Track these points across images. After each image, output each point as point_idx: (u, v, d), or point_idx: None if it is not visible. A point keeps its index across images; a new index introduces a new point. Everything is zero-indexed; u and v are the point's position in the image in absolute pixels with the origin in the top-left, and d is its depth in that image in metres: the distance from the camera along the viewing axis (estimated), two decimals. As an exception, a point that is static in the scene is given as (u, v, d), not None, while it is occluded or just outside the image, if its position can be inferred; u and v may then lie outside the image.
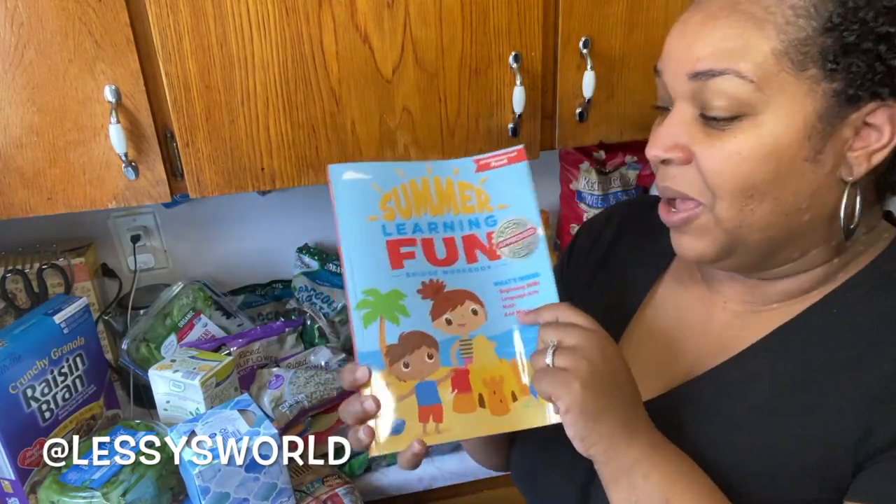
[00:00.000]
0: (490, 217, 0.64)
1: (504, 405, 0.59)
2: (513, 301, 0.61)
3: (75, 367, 1.02)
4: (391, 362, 0.59)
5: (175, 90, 0.89)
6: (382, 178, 0.63)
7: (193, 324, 1.21)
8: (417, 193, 0.63)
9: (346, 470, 1.06)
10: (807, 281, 0.61)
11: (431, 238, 0.63)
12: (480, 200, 0.64)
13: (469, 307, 0.61)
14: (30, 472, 0.95)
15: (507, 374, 0.60)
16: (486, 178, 0.65)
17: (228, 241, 1.38)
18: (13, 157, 0.89)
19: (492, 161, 0.65)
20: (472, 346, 0.60)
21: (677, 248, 0.63)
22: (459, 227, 0.64)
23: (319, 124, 0.94)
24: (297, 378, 1.12)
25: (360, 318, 0.59)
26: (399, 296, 0.60)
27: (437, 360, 0.60)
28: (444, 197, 0.64)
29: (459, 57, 0.94)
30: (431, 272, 0.61)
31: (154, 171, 0.93)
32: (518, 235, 0.63)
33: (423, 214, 0.63)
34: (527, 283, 0.62)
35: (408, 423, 0.57)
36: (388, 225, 0.62)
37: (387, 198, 0.63)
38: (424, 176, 0.64)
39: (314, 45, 0.90)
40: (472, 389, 0.59)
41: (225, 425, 0.90)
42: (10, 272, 1.17)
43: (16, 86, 0.86)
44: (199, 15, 0.86)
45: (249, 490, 0.89)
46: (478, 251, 0.63)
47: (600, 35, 0.98)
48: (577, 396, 0.53)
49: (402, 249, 0.61)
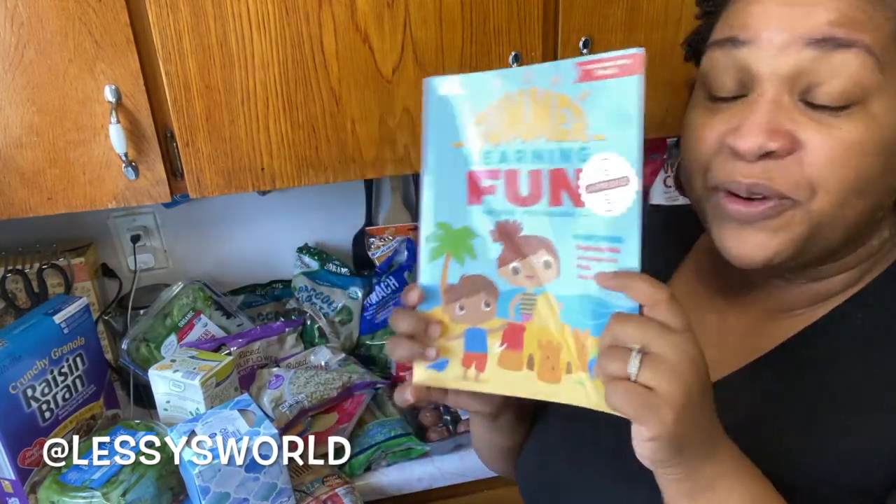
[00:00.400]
0: (584, 149, 0.50)
1: (555, 373, 0.52)
2: (589, 263, 0.51)
3: (75, 367, 1.02)
4: (447, 301, 0.56)
5: (175, 90, 0.89)
6: (479, 93, 0.55)
7: (193, 324, 1.21)
8: (511, 112, 0.53)
9: (346, 470, 1.06)
10: (837, 283, 0.58)
11: (517, 170, 0.53)
12: (576, 124, 0.51)
13: (542, 258, 0.53)
14: (30, 472, 0.95)
15: (568, 342, 0.52)
16: (587, 92, 0.50)
17: (228, 241, 1.38)
18: (13, 157, 0.89)
19: (597, 68, 0.49)
20: (536, 302, 0.53)
21: (738, 248, 0.54)
22: (549, 158, 0.52)
23: (319, 124, 0.94)
24: (297, 378, 1.12)
25: (428, 251, 0.57)
26: (469, 234, 0.55)
27: (494, 309, 0.55)
28: (539, 116, 0.52)
29: (459, 57, 0.94)
30: (509, 211, 0.54)
31: (154, 171, 0.93)
32: (607, 183, 0.50)
33: (514, 139, 0.53)
34: (608, 247, 0.50)
35: (451, 362, 0.56)
36: (474, 152, 0.55)
37: (479, 119, 0.55)
38: (521, 87, 0.53)
39: (314, 45, 0.90)
40: (523, 348, 0.54)
41: (225, 425, 0.90)
42: (10, 272, 1.17)
43: (16, 86, 0.86)
44: (199, 14, 0.86)
45: (249, 490, 0.89)
46: (563, 192, 0.52)
47: (600, 35, 0.98)
48: (669, 428, 0.45)
49: (482, 182, 0.55)
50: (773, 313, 0.61)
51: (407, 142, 0.97)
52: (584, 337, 0.51)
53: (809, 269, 0.58)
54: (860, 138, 0.49)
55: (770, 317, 0.61)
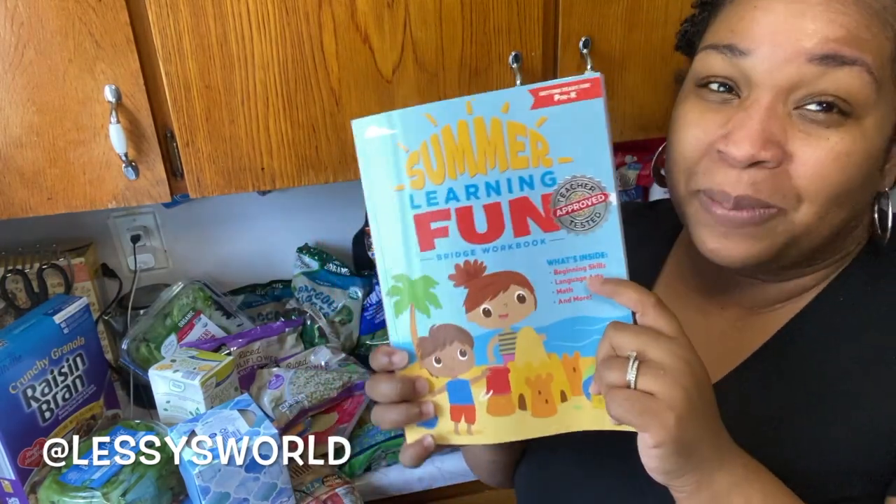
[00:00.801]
0: (548, 174, 0.49)
1: (550, 406, 0.52)
2: (570, 286, 0.50)
3: (75, 367, 1.02)
4: (422, 356, 0.54)
5: (175, 90, 0.89)
6: (410, 130, 0.51)
7: (193, 324, 1.21)
8: (452, 147, 0.50)
9: (346, 470, 1.06)
10: (814, 279, 0.59)
11: (469, 206, 0.51)
12: (536, 150, 0.49)
13: (514, 293, 0.51)
14: (30, 472, 0.95)
15: (557, 371, 0.51)
16: (545, 118, 0.49)
17: (228, 241, 1.38)
18: (13, 157, 0.89)
19: (555, 93, 0.48)
20: (516, 340, 0.52)
21: (717, 249, 0.55)
22: (507, 189, 0.50)
23: (319, 124, 0.94)
24: (297, 378, 1.12)
25: (391, 305, 0.54)
26: (430, 283, 0.52)
27: (471, 357, 0.53)
28: (488, 147, 0.50)
29: (459, 57, 0.94)
30: (467, 252, 0.51)
31: (154, 171, 0.93)
32: (583, 201, 0.49)
33: (460, 175, 0.50)
34: (589, 265, 0.50)
35: (440, 419, 0.54)
36: (417, 195, 0.52)
37: (414, 158, 0.51)
38: (462, 118, 0.50)
39: (314, 45, 0.90)
40: (510, 390, 0.52)
41: (225, 425, 0.90)
42: (10, 272, 1.17)
43: (16, 86, 0.86)
44: (199, 15, 0.86)
45: (249, 490, 0.89)
46: (529, 220, 0.50)
47: (600, 35, 0.98)
48: (672, 433, 0.45)
49: (432, 225, 0.52)
50: (753, 310, 0.62)
51: (407, 142, 0.97)
52: (573, 361, 0.51)
53: (785, 271, 0.59)
54: (848, 151, 0.50)
55: (750, 313, 0.62)
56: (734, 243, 0.54)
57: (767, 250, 0.54)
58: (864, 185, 0.53)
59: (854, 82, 0.49)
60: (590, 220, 0.50)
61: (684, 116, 0.56)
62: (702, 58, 0.55)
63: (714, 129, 0.53)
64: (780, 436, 0.56)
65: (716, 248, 0.55)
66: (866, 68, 0.48)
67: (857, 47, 0.48)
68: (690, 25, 0.61)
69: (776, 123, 0.50)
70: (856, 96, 0.49)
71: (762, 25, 0.51)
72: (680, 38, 0.63)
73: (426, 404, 0.54)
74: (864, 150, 0.50)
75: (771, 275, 0.60)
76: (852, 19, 0.48)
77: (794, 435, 0.55)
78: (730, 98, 0.54)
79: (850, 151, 0.50)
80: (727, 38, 0.53)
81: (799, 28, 0.49)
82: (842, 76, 0.49)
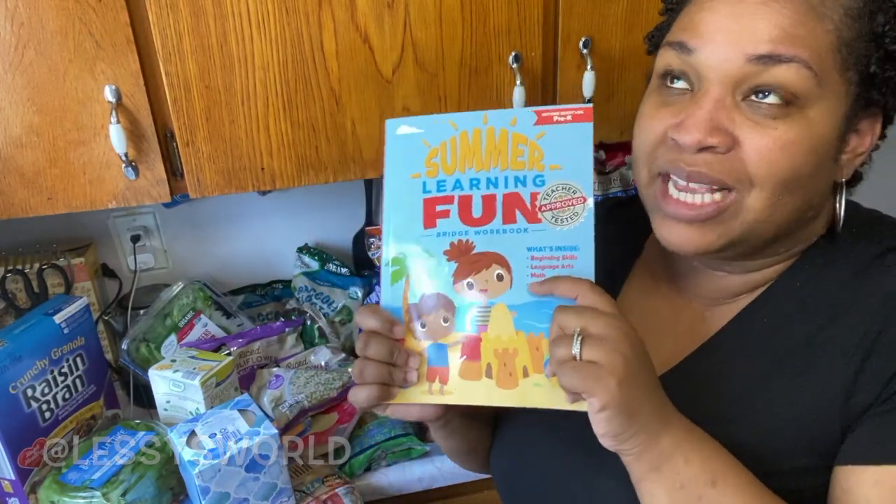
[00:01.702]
0: (539, 177, 0.59)
1: (513, 379, 0.58)
2: (543, 271, 0.58)
3: (75, 367, 1.02)
4: (410, 320, 0.61)
5: (175, 90, 0.89)
6: (434, 132, 0.62)
7: (193, 324, 1.21)
8: (466, 147, 0.61)
9: (346, 470, 1.06)
10: (774, 272, 0.63)
11: (470, 195, 0.61)
12: (532, 157, 0.60)
13: (494, 271, 0.59)
14: (30, 472, 0.95)
15: (523, 347, 0.58)
16: (544, 132, 0.60)
17: (228, 241, 1.38)
18: (13, 157, 0.89)
19: (555, 115, 0.60)
20: (490, 313, 0.59)
21: (677, 239, 0.59)
22: (503, 184, 0.60)
23: (319, 124, 0.94)
24: (297, 378, 1.12)
25: (389, 275, 0.62)
26: (427, 256, 0.61)
27: (452, 324, 0.60)
28: (495, 150, 0.61)
29: (459, 57, 0.94)
30: (462, 232, 0.60)
31: (154, 171, 0.93)
32: (565, 202, 0.59)
33: (467, 169, 0.61)
34: (563, 255, 0.58)
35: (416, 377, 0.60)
36: (429, 182, 0.62)
37: (433, 153, 0.62)
38: (478, 127, 0.61)
39: (314, 45, 0.90)
40: (481, 358, 0.59)
41: (225, 425, 0.90)
42: (10, 272, 1.17)
43: (16, 86, 0.86)
44: (199, 15, 0.86)
45: (249, 490, 0.89)
46: (517, 211, 0.59)
47: (600, 35, 0.98)
48: (615, 395, 0.50)
49: (437, 208, 0.61)
50: (717, 300, 0.65)
51: (407, 142, 0.97)
52: (538, 340, 0.58)
53: (744, 261, 0.62)
54: (794, 138, 0.53)
55: (714, 303, 0.66)
56: (689, 233, 0.58)
57: (721, 239, 0.57)
58: (816, 174, 0.56)
59: (792, 77, 0.52)
60: (568, 218, 0.58)
61: (645, 110, 0.61)
62: (661, 54, 0.60)
63: (668, 119, 0.57)
64: (734, 412, 0.59)
65: (671, 239, 0.59)
66: (803, 63, 0.52)
67: (791, 45, 0.52)
68: (657, 30, 0.66)
69: (724, 113, 0.54)
70: (796, 89, 0.52)
71: (707, 25, 0.55)
72: (649, 42, 0.68)
73: (411, 372, 0.60)
74: (810, 139, 0.53)
75: (732, 265, 0.63)
76: (787, 18, 0.52)
77: (746, 411, 0.59)
78: (685, 91, 0.58)
79: (797, 140, 0.53)
80: (679, 36, 0.57)
81: (738, 28, 0.53)
82: (780, 72, 0.52)
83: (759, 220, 0.56)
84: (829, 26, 0.52)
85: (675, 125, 0.56)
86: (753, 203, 0.55)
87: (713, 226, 0.57)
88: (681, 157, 0.56)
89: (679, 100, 0.58)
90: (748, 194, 0.55)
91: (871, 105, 0.56)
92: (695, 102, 0.55)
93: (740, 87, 0.54)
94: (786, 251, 0.61)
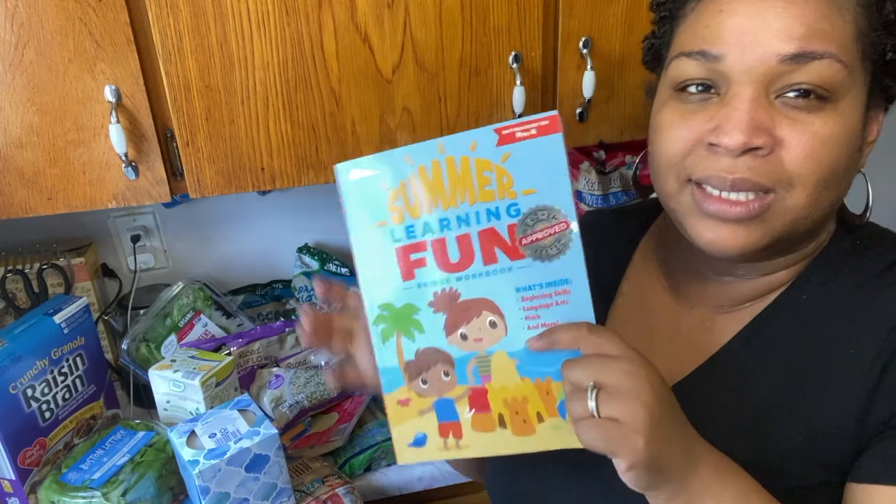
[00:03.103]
0: (513, 205, 0.53)
1: (528, 426, 0.54)
2: (537, 312, 0.53)
3: (75, 367, 1.02)
4: (409, 379, 0.57)
5: (175, 90, 0.89)
6: (390, 171, 0.55)
7: (193, 324, 1.21)
8: (427, 184, 0.54)
9: (346, 470, 1.06)
10: (784, 277, 0.61)
11: (443, 238, 0.55)
12: (501, 184, 0.53)
13: (486, 319, 0.55)
14: (30, 472, 0.95)
15: (532, 394, 0.54)
16: (508, 153, 0.52)
17: (228, 241, 1.38)
18: (13, 157, 0.89)
19: (517, 131, 0.52)
20: (491, 363, 0.55)
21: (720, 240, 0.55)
22: (476, 220, 0.54)
23: (319, 124, 0.94)
24: (297, 378, 1.12)
25: (378, 333, 0.58)
26: (412, 310, 0.56)
27: (454, 377, 0.56)
28: (459, 183, 0.54)
29: (459, 57, 0.94)
30: (443, 280, 0.55)
31: (154, 171, 0.93)
32: (546, 230, 0.52)
33: (434, 210, 0.55)
34: (554, 291, 0.53)
35: (429, 436, 0.57)
36: (397, 229, 0.56)
37: (394, 196, 0.55)
38: (435, 158, 0.54)
39: (314, 45, 0.90)
40: (491, 409, 0.55)
41: (225, 425, 0.90)
42: (10, 272, 1.17)
43: (16, 86, 0.86)
44: (199, 15, 0.86)
45: (249, 490, 0.89)
46: (497, 249, 0.54)
47: (600, 35, 0.98)
48: (641, 454, 0.46)
49: (411, 257, 0.56)
50: (722, 308, 0.63)
51: (407, 142, 0.97)
52: (546, 385, 0.54)
53: (764, 264, 0.60)
54: (832, 133, 0.52)
55: (718, 312, 0.63)
56: (734, 233, 0.55)
57: (765, 238, 0.55)
58: (849, 167, 0.55)
59: (827, 72, 0.51)
60: (553, 248, 0.53)
61: (665, 120, 0.58)
62: (675, 66, 0.57)
63: (699, 126, 0.55)
64: (742, 428, 0.58)
65: (712, 240, 0.56)
66: (835, 58, 0.51)
67: (821, 41, 0.51)
68: (655, 39, 0.63)
69: (762, 112, 0.52)
70: (831, 83, 0.51)
71: (729, 29, 0.53)
72: (646, 53, 0.65)
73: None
74: (845, 132, 0.53)
75: (744, 269, 0.61)
76: (811, 13, 0.51)
77: (756, 428, 0.57)
78: (709, 97, 0.55)
79: (834, 134, 0.52)
80: (697, 44, 0.54)
81: (764, 29, 0.51)
82: (815, 68, 0.51)
83: (799, 217, 0.54)
84: (848, 17, 0.52)
85: (712, 130, 0.53)
86: (796, 201, 0.53)
87: (757, 224, 0.54)
88: (719, 164, 0.53)
89: (707, 105, 0.55)
90: (788, 194, 0.53)
91: (880, 93, 0.56)
92: (728, 104, 0.53)
93: (773, 85, 0.52)
94: (803, 248, 0.60)
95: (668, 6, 0.60)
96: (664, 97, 0.59)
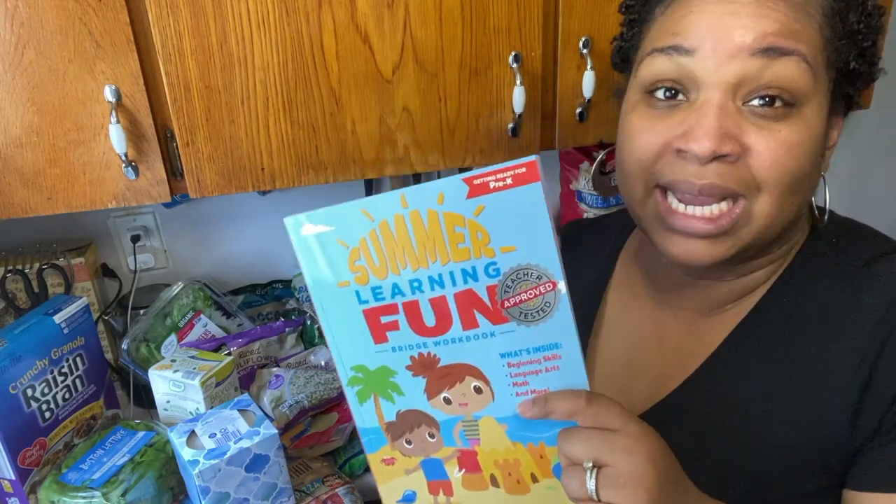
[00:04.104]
0: (491, 264, 0.47)
1: (522, 485, 0.52)
2: (525, 378, 0.49)
3: (75, 367, 1.02)
4: (393, 439, 0.54)
5: (175, 90, 0.89)
6: (347, 226, 0.49)
7: (193, 324, 1.21)
8: (391, 242, 0.48)
9: (346, 470, 1.06)
10: (762, 276, 0.62)
11: (416, 300, 0.49)
12: (476, 241, 0.47)
13: (470, 384, 0.51)
14: (30, 472, 0.95)
15: (524, 457, 0.51)
16: (482, 206, 0.46)
17: (228, 241, 1.38)
18: (13, 157, 0.89)
19: (490, 180, 0.45)
20: (479, 427, 0.52)
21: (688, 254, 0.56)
22: (451, 282, 0.48)
23: (319, 124, 0.94)
24: (297, 378, 1.12)
25: (354, 394, 0.54)
26: (389, 373, 0.52)
27: (440, 439, 0.53)
28: (427, 240, 0.47)
29: (459, 57, 0.94)
30: (420, 344, 0.50)
31: (154, 171, 0.93)
32: (530, 291, 0.47)
33: (402, 270, 0.49)
34: (543, 356, 0.49)
35: (419, 493, 0.55)
36: (362, 290, 0.50)
37: (355, 254, 0.49)
38: (398, 212, 0.47)
39: (314, 45, 0.90)
40: (482, 470, 0.53)
41: (225, 425, 0.90)
42: (10, 272, 1.17)
43: (16, 86, 0.86)
44: (199, 15, 0.86)
45: (249, 490, 0.89)
46: (477, 313, 0.49)
47: (600, 35, 0.98)
48: None
49: (382, 319, 0.50)
50: (705, 312, 0.63)
51: (407, 142, 0.97)
52: (539, 449, 0.51)
53: (740, 266, 0.61)
54: (798, 140, 0.53)
55: (702, 316, 0.64)
56: (701, 247, 0.55)
57: (733, 248, 0.56)
58: (814, 172, 0.56)
59: (793, 72, 0.51)
60: (540, 311, 0.48)
61: (634, 124, 0.58)
62: (647, 63, 0.57)
63: (667, 131, 0.55)
64: (736, 439, 0.57)
65: (681, 254, 0.56)
66: (803, 58, 0.52)
67: (792, 39, 0.51)
68: (623, 42, 0.63)
69: (730, 119, 0.52)
70: (797, 86, 0.52)
71: (700, 26, 0.53)
72: (614, 55, 0.65)
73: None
74: (810, 138, 0.53)
75: (722, 272, 0.61)
76: (782, 14, 0.52)
77: (753, 437, 0.57)
78: (677, 102, 0.55)
79: (800, 140, 0.53)
80: (669, 40, 0.55)
81: (736, 25, 0.52)
82: (782, 67, 0.51)
83: (767, 224, 0.55)
84: (815, 25, 0.53)
85: (681, 136, 0.54)
86: (762, 208, 0.54)
87: (724, 237, 0.55)
88: (687, 169, 0.54)
89: (674, 111, 0.55)
90: (755, 200, 0.54)
91: (841, 99, 0.58)
92: (698, 110, 0.53)
93: (741, 90, 0.53)
94: (777, 250, 0.61)
95: (636, 9, 0.61)
96: (633, 100, 0.59)
